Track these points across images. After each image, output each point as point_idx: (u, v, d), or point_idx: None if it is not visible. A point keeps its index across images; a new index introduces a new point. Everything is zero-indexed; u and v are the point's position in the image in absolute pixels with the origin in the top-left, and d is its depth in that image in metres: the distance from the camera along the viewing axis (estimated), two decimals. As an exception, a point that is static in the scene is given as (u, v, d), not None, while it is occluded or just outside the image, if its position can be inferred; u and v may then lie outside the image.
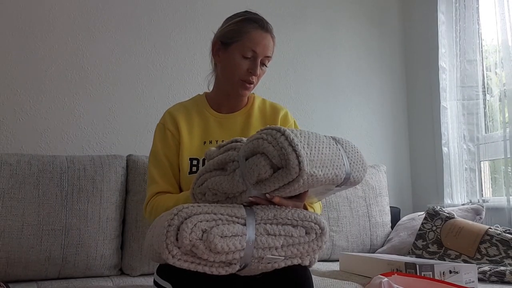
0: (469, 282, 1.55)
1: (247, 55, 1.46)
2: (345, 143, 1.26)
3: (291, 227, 1.20)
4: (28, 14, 2.08)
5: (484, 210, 2.22)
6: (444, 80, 2.60)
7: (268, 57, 1.49)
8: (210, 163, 1.22)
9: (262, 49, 1.46)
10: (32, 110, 2.05)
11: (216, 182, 1.19)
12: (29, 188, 1.70)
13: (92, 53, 2.18)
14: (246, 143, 1.16)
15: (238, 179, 1.15)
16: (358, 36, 2.82)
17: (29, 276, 1.69)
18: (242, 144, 1.19)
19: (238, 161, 1.16)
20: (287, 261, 1.21)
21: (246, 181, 1.14)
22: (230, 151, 1.20)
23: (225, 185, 1.18)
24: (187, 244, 1.11)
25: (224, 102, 1.56)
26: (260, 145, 1.11)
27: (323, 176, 1.13)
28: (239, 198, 1.19)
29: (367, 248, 2.30)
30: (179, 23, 2.38)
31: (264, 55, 1.47)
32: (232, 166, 1.18)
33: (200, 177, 1.23)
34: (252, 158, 1.13)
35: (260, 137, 1.12)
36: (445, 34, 2.62)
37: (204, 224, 1.13)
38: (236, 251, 1.14)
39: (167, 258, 1.12)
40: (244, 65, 1.46)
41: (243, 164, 1.14)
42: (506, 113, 2.31)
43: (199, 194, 1.24)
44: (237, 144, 1.21)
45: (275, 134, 1.10)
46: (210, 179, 1.21)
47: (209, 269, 1.15)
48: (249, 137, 1.17)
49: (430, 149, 2.73)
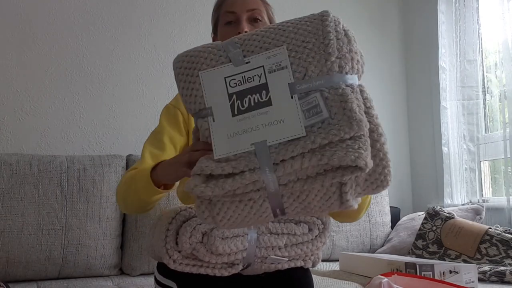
0: (469, 282, 1.55)
1: (229, 19, 1.32)
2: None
3: (293, 224, 1.19)
4: (28, 14, 2.08)
5: (484, 210, 2.21)
6: (444, 80, 2.59)
7: (254, 10, 1.32)
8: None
9: (240, 6, 1.31)
10: (32, 110, 2.05)
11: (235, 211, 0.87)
12: (29, 188, 1.70)
13: (92, 53, 2.18)
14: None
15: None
16: (358, 36, 2.79)
17: (29, 276, 1.69)
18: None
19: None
20: (290, 263, 1.20)
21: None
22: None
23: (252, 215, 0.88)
24: (187, 248, 1.09)
25: None
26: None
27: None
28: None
29: (367, 248, 2.30)
30: (179, 23, 2.38)
31: (246, 9, 1.31)
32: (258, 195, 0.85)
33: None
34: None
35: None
36: (445, 34, 2.61)
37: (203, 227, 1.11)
38: (238, 252, 1.12)
39: (168, 263, 1.11)
40: (230, 32, 1.27)
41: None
42: (506, 113, 2.31)
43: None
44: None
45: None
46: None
47: (212, 271, 1.14)
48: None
49: (430, 149, 2.72)
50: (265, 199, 0.84)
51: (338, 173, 0.79)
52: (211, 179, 0.83)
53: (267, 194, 0.83)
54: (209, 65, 0.91)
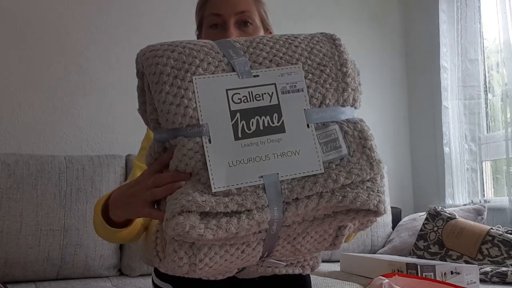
0: (471, 283, 1.54)
1: (214, 22, 1.17)
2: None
3: None
4: (28, 14, 2.07)
5: (485, 210, 2.20)
6: (446, 79, 2.58)
7: (243, 13, 1.15)
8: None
9: (226, 8, 1.15)
10: (30, 110, 2.04)
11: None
12: (27, 188, 1.70)
13: (91, 53, 2.17)
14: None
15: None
16: (358, 35, 2.81)
17: (27, 276, 1.69)
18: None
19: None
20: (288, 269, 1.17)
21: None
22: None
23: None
24: None
25: None
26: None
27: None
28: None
29: (368, 248, 2.29)
30: (179, 22, 2.37)
31: (234, 12, 1.15)
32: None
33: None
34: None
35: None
36: (447, 33, 2.60)
37: None
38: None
39: (159, 267, 0.97)
40: (216, 36, 1.12)
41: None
42: (508, 112, 2.29)
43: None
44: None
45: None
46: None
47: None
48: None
49: (431, 149, 2.71)
50: (261, 242, 0.72)
51: (349, 216, 0.71)
52: (210, 218, 0.67)
53: (265, 236, 0.70)
54: (207, 70, 0.73)
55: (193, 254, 0.70)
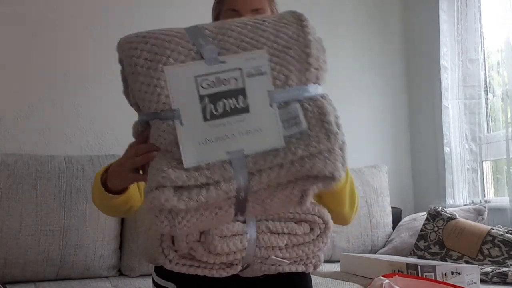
0: (471, 283, 1.54)
1: (232, 16, 1.23)
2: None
3: (294, 223, 1.16)
4: (28, 14, 2.07)
5: (486, 210, 2.20)
6: (446, 79, 2.58)
7: (258, 10, 1.25)
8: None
9: (243, 4, 1.25)
10: (30, 110, 2.04)
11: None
12: (27, 189, 1.69)
13: (92, 53, 2.17)
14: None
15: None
16: (359, 35, 2.81)
17: (27, 277, 1.68)
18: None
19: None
20: (291, 267, 1.17)
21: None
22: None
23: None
24: (184, 247, 1.06)
25: None
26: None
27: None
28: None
29: (368, 249, 2.28)
30: (179, 23, 2.36)
31: (250, 8, 1.24)
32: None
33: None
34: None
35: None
36: (447, 33, 2.60)
37: None
38: (237, 251, 1.09)
39: (164, 263, 1.07)
40: None
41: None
42: (508, 112, 2.29)
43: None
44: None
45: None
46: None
47: (210, 271, 1.11)
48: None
49: (431, 149, 2.71)
50: (232, 206, 0.83)
51: (309, 182, 0.80)
52: (182, 191, 0.77)
53: (235, 201, 0.81)
54: (177, 59, 0.80)
55: (172, 217, 0.81)
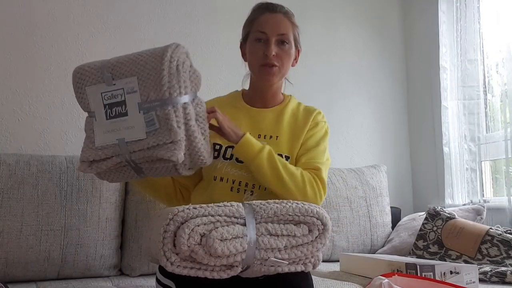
0: (470, 283, 1.54)
1: (260, 37, 1.46)
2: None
3: (293, 225, 1.18)
4: (28, 14, 2.08)
5: (485, 210, 2.21)
6: (445, 79, 2.59)
7: (283, 35, 1.46)
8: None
9: (271, 28, 1.45)
10: (31, 110, 2.05)
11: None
12: (28, 188, 1.70)
13: (92, 53, 2.17)
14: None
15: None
16: (358, 36, 2.81)
17: (28, 276, 1.69)
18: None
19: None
20: (290, 267, 1.19)
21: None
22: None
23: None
24: (185, 250, 1.08)
25: (257, 98, 1.54)
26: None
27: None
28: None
29: (367, 248, 2.29)
30: (179, 23, 2.38)
31: (276, 33, 1.45)
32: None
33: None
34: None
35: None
36: (446, 33, 2.61)
37: (202, 228, 1.10)
38: (237, 254, 1.11)
39: (165, 266, 1.10)
40: (259, 49, 1.45)
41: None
42: (507, 112, 2.30)
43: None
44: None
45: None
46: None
47: (210, 273, 1.12)
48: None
49: (430, 149, 2.72)
50: (128, 167, 1.30)
51: (161, 161, 1.25)
52: (94, 163, 1.29)
53: (131, 166, 1.29)
54: (92, 82, 1.30)
55: (103, 176, 1.35)
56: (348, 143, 2.73)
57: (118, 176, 1.34)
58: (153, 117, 1.24)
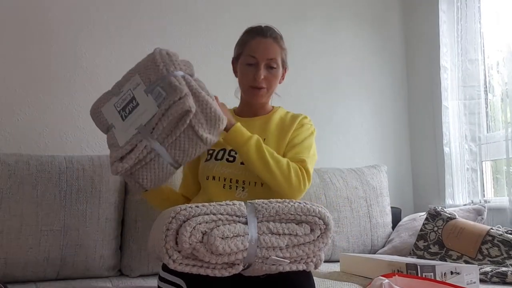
0: (471, 283, 1.54)
1: (250, 62, 1.56)
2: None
3: (295, 224, 1.18)
4: (27, 14, 2.08)
5: (485, 210, 2.20)
6: (446, 79, 2.59)
7: (272, 59, 1.56)
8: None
9: (261, 54, 1.55)
10: (30, 110, 2.04)
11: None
12: (28, 188, 1.70)
13: (91, 53, 2.17)
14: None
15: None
16: (358, 36, 2.81)
17: (27, 276, 1.69)
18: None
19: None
20: (292, 266, 1.19)
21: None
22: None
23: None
24: (187, 248, 1.09)
25: (246, 109, 1.65)
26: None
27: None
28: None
29: (367, 248, 2.29)
30: (179, 23, 2.38)
31: (266, 58, 1.55)
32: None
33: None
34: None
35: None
36: (447, 33, 2.61)
37: (203, 226, 1.11)
38: (238, 252, 1.12)
39: (168, 263, 1.12)
40: (249, 72, 1.56)
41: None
42: (508, 112, 2.30)
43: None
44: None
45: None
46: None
47: (212, 271, 1.13)
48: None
49: (431, 149, 2.71)
50: (158, 156, 1.37)
51: (183, 120, 1.33)
52: (124, 159, 1.36)
53: (157, 152, 1.36)
54: (104, 103, 1.50)
55: (135, 178, 1.41)
56: (348, 143, 2.72)
57: (151, 173, 1.39)
58: (159, 90, 1.37)
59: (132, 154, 1.34)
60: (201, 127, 1.35)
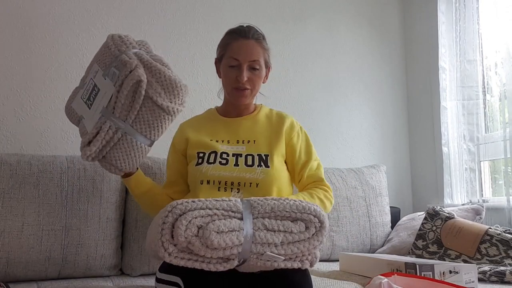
0: (469, 282, 1.55)
1: (233, 64, 1.56)
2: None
3: (290, 222, 1.19)
4: (28, 14, 2.08)
5: (484, 210, 2.21)
6: (444, 80, 2.60)
7: (255, 61, 1.55)
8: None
9: (244, 55, 1.54)
10: (32, 110, 2.05)
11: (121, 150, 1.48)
12: (29, 188, 1.70)
13: (92, 53, 2.15)
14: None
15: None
16: (358, 36, 2.82)
17: (29, 276, 1.69)
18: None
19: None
20: (287, 263, 1.20)
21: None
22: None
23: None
24: (182, 241, 1.11)
25: (231, 109, 1.66)
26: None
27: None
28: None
29: (367, 248, 2.30)
30: (178, 23, 2.38)
31: (248, 60, 1.54)
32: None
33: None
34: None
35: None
36: (445, 34, 2.62)
37: (199, 220, 1.12)
38: (233, 247, 1.13)
39: (163, 256, 1.13)
40: (232, 74, 1.56)
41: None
42: (506, 113, 2.31)
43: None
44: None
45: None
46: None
47: (207, 265, 1.14)
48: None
49: (430, 149, 2.72)
50: (125, 134, 1.44)
51: (138, 92, 1.40)
52: (92, 142, 1.43)
53: (123, 130, 1.43)
54: (73, 97, 1.59)
55: (109, 160, 1.48)
56: (348, 143, 2.73)
57: (122, 152, 1.44)
58: (113, 70, 1.45)
59: (98, 137, 1.40)
60: (159, 97, 1.40)
